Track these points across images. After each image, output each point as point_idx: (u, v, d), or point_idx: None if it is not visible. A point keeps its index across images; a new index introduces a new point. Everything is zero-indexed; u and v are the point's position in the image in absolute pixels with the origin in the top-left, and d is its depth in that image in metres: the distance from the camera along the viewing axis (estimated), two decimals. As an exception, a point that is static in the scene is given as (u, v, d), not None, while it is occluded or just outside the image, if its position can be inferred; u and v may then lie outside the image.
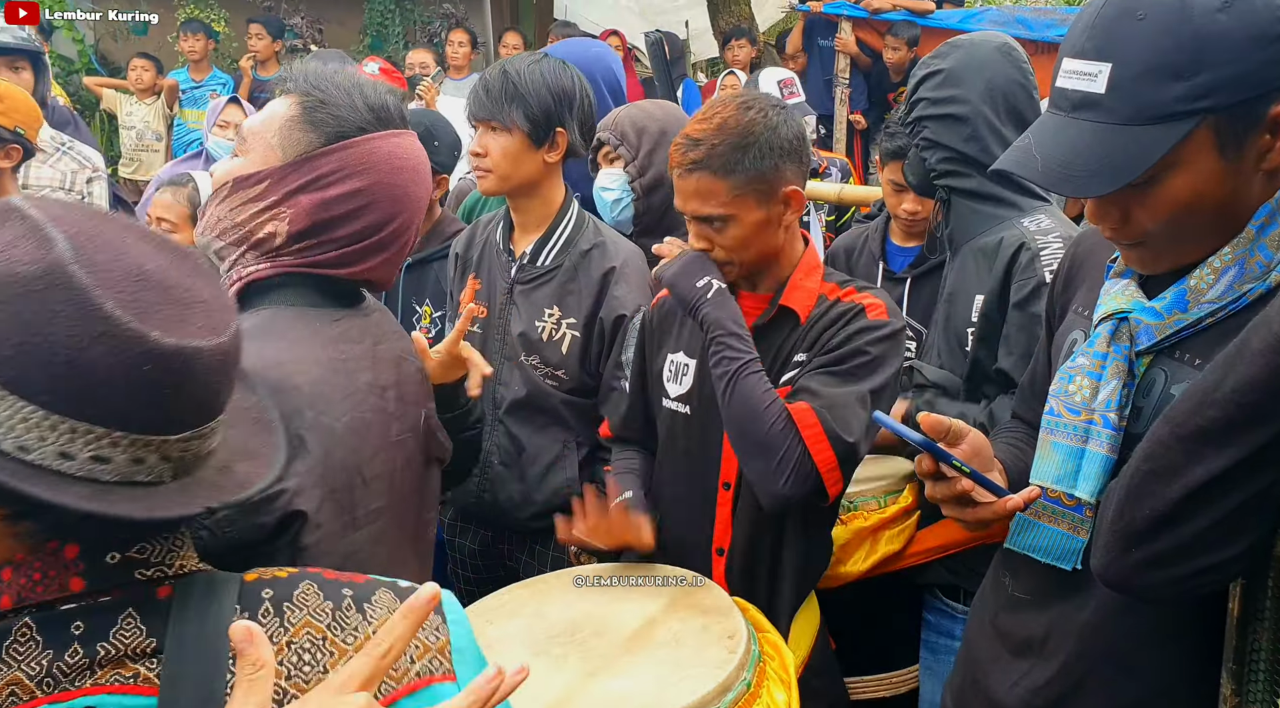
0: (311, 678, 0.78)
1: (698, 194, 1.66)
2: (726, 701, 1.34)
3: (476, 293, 2.27)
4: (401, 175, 1.32)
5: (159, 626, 0.76)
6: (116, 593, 0.77)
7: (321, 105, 1.30)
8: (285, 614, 0.80)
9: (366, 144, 1.29)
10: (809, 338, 1.71)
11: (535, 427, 2.22)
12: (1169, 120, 1.02)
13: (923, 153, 2.04)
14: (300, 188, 1.28)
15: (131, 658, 0.74)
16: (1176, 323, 1.11)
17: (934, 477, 1.23)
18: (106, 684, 0.73)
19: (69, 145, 3.42)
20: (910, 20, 5.90)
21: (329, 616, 0.81)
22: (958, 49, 2.02)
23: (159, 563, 0.80)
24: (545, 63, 2.17)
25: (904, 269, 2.67)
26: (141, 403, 0.74)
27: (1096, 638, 1.19)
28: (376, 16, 8.39)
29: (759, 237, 1.68)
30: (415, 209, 1.37)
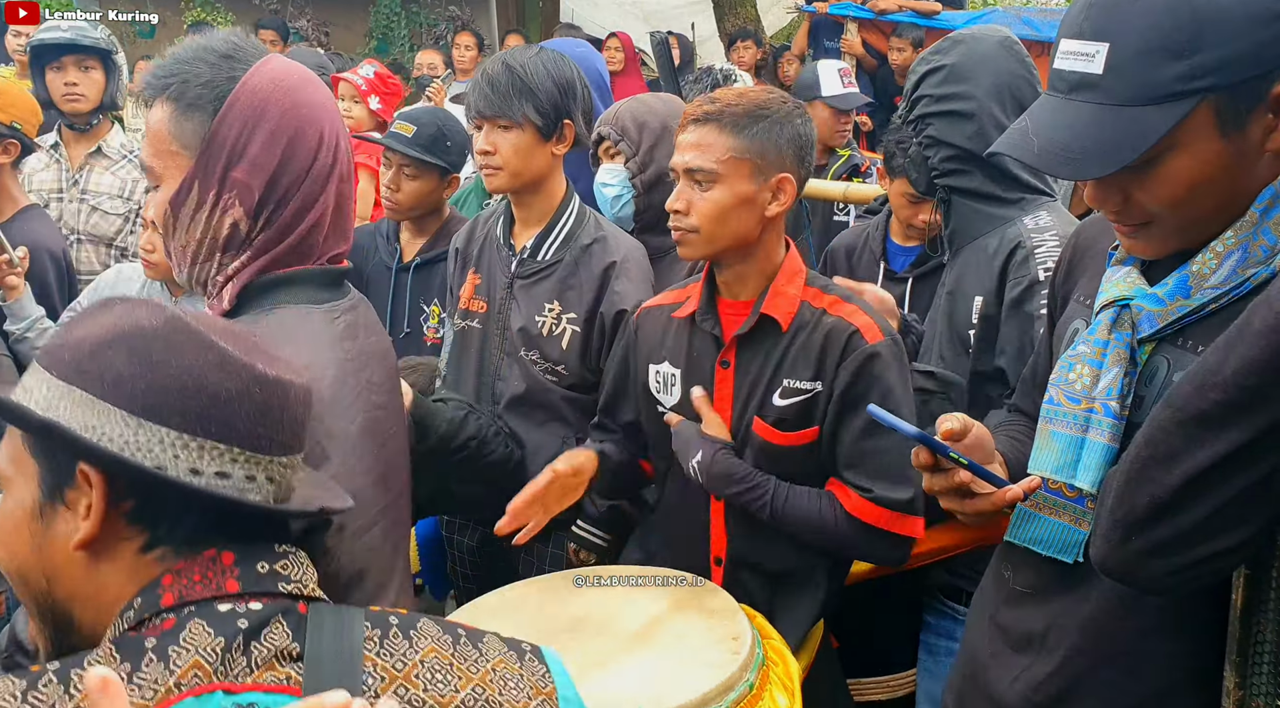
0: (446, 694, 0.85)
1: (697, 145, 1.65)
2: (729, 700, 1.33)
3: (476, 288, 2.26)
4: (295, 93, 1.25)
5: (301, 634, 0.83)
6: (266, 600, 0.85)
7: (184, 85, 1.22)
8: (412, 639, 0.88)
9: (245, 88, 1.21)
10: (794, 350, 1.68)
11: (534, 422, 2.20)
12: (1168, 100, 1.00)
13: (925, 151, 2.01)
14: (225, 167, 1.21)
15: (280, 661, 0.81)
16: (1179, 309, 1.09)
17: (931, 469, 1.21)
18: (266, 684, 0.80)
19: (136, 153, 3.38)
20: (915, 22, 5.89)
21: (451, 645, 0.89)
22: (959, 44, 1.98)
23: (298, 580, 0.89)
24: (545, 54, 2.15)
25: (905, 269, 2.65)
26: (254, 422, 0.87)
27: (1098, 632, 1.17)
28: (382, 19, 8.42)
29: (737, 212, 1.65)
30: (326, 115, 1.29)
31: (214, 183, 1.21)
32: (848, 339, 1.64)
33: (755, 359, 1.70)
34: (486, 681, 0.87)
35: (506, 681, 0.88)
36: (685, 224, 1.67)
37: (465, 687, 0.85)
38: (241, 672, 0.79)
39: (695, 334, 1.78)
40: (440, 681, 0.84)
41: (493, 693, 0.86)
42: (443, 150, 2.69)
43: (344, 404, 1.26)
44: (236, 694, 0.78)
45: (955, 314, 2.01)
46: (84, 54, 3.29)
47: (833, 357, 1.65)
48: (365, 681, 0.82)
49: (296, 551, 0.91)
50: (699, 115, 1.65)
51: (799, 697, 1.42)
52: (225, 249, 1.25)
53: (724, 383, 1.74)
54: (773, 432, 1.68)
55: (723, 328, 1.74)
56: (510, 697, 0.86)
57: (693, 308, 1.77)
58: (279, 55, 1.30)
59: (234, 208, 1.22)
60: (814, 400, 1.67)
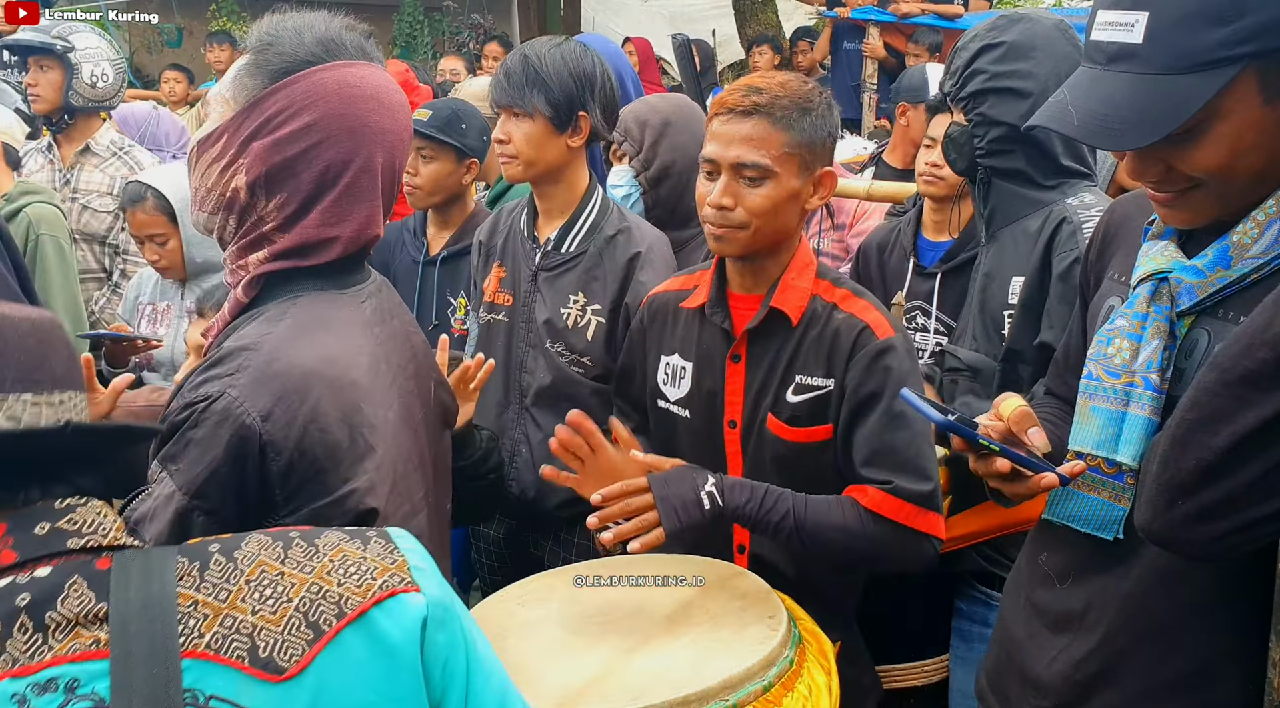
0: (279, 608, 0.78)
1: (749, 140, 1.58)
2: (771, 674, 1.32)
3: (501, 281, 2.27)
4: (355, 104, 1.22)
5: (105, 593, 0.76)
6: (55, 562, 0.76)
7: (268, 48, 1.23)
8: (237, 559, 0.80)
9: (312, 76, 1.21)
10: (806, 346, 1.66)
11: (561, 414, 2.16)
12: (1210, 68, 0.99)
13: (975, 130, 1.95)
14: (253, 134, 1.21)
15: (85, 626, 0.74)
16: (1219, 280, 1.08)
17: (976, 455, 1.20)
18: (68, 654, 0.73)
19: (127, 149, 3.42)
20: (936, 24, 5.88)
21: (281, 551, 0.82)
22: (1017, 22, 1.94)
23: (90, 533, 0.79)
24: (565, 46, 2.16)
25: (935, 264, 2.64)
26: None
27: (1138, 609, 1.15)
28: (405, 27, 8.50)
29: (785, 209, 1.62)
30: (383, 142, 1.26)
31: (236, 143, 1.22)
32: (858, 336, 1.63)
33: (767, 354, 1.68)
34: (324, 574, 0.81)
35: (348, 567, 0.82)
36: (732, 220, 1.61)
37: (299, 592, 0.79)
38: (35, 650, 0.72)
39: (705, 327, 1.76)
40: (271, 596, 0.78)
41: (330, 586, 0.80)
42: (458, 132, 2.71)
43: (381, 391, 1.26)
44: (31, 676, 0.71)
45: (989, 297, 2.00)
46: (41, 54, 3.32)
47: (843, 354, 1.63)
48: (185, 623, 0.75)
49: (88, 500, 0.81)
50: (747, 106, 1.59)
51: (835, 675, 1.40)
52: (226, 210, 1.25)
53: (735, 377, 1.72)
54: (786, 428, 1.66)
55: (733, 321, 1.72)
56: (353, 583, 0.80)
57: (702, 299, 1.75)
58: (376, 69, 1.27)
59: (241, 174, 1.22)
60: (826, 398, 1.65)
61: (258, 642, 0.76)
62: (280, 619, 0.77)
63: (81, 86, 3.36)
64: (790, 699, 1.30)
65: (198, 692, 0.73)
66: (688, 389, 1.78)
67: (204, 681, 0.73)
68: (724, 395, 1.72)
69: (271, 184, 1.22)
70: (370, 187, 1.27)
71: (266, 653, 0.75)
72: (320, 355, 1.19)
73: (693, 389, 1.77)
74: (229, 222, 1.26)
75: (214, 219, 1.27)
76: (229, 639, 0.75)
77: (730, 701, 1.27)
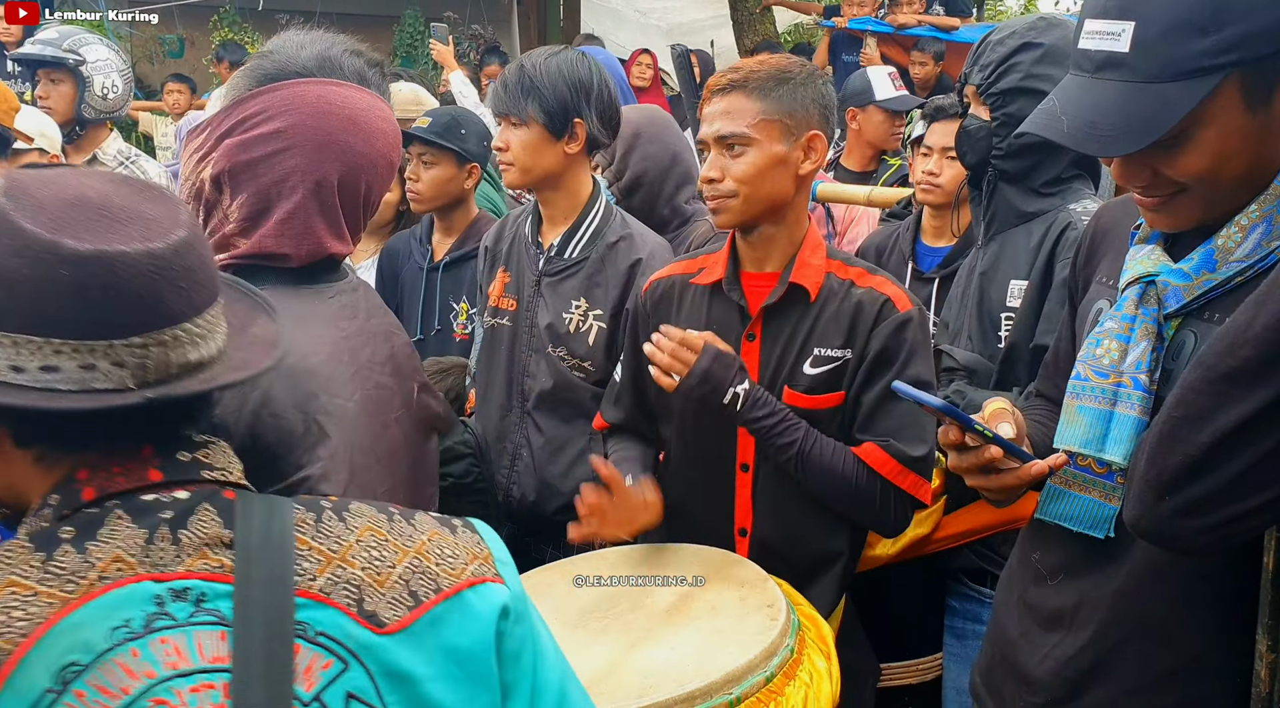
0: (383, 570, 0.84)
1: (726, 113, 1.67)
2: (773, 665, 1.34)
3: (505, 286, 2.30)
4: (328, 120, 1.25)
5: (231, 521, 0.82)
6: (191, 488, 0.83)
7: (268, 54, 1.28)
8: (346, 519, 0.87)
9: (294, 87, 1.24)
10: (824, 319, 1.71)
11: (562, 418, 2.23)
12: (1194, 76, 1.02)
13: (997, 129, 1.94)
14: (228, 131, 1.25)
15: (211, 548, 0.80)
16: (1205, 283, 1.11)
17: (958, 448, 1.23)
18: (199, 571, 0.78)
19: (132, 159, 3.46)
20: (936, 36, 5.92)
21: (386, 523, 0.88)
22: (1055, 27, 1.94)
23: (222, 468, 0.87)
24: (562, 55, 2.20)
25: (933, 269, 2.67)
26: (70, 308, 0.77)
27: (1129, 605, 1.18)
28: (406, 38, 8.55)
29: (772, 173, 1.67)
30: (350, 161, 1.27)
31: (213, 139, 1.26)
32: (880, 307, 1.70)
33: (784, 330, 1.73)
34: (423, 552, 0.87)
35: (443, 549, 0.88)
36: (721, 191, 1.69)
37: (402, 561, 0.85)
38: (171, 560, 0.78)
39: (716, 304, 1.80)
40: (377, 558, 0.84)
41: (429, 563, 0.86)
42: (457, 137, 2.76)
43: (340, 381, 1.28)
44: (167, 581, 0.77)
45: (987, 297, 2.02)
46: (52, 68, 3.36)
47: (865, 324, 1.70)
48: (300, 564, 0.81)
49: (218, 441, 0.89)
50: (723, 85, 1.68)
51: (835, 659, 1.43)
52: (194, 199, 1.28)
53: (749, 354, 1.76)
54: (803, 397, 1.72)
55: (748, 299, 1.76)
56: (448, 565, 0.87)
57: (716, 277, 1.79)
58: (366, 93, 1.30)
59: (206, 167, 1.26)
60: (843, 367, 1.71)
61: (364, 595, 0.82)
62: (384, 581, 0.83)
63: (94, 98, 3.40)
64: (792, 687, 1.33)
65: (308, 624, 0.79)
66: None
67: (314, 617, 0.79)
68: None
69: (234, 181, 1.26)
70: (329, 203, 1.29)
71: (371, 607, 0.81)
72: None
73: None
74: (199, 213, 1.30)
75: (191, 207, 1.30)
76: (339, 586, 0.81)
77: (734, 694, 1.30)
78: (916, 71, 5.76)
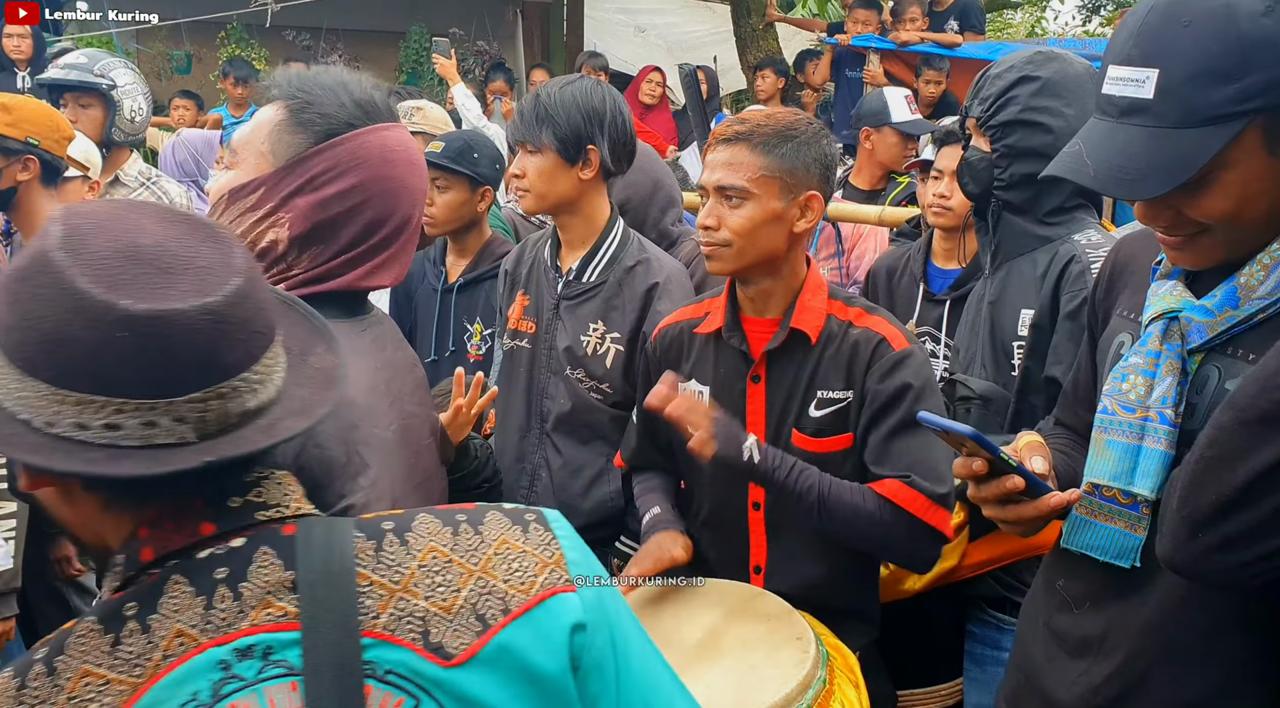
0: (448, 598, 0.82)
1: (728, 164, 1.70)
2: (809, 697, 1.36)
3: (525, 309, 2.33)
4: (395, 167, 1.30)
5: (292, 561, 0.81)
6: (247, 534, 0.83)
7: (308, 106, 1.28)
8: (409, 542, 0.85)
9: (356, 140, 1.27)
10: (825, 362, 1.73)
11: (580, 440, 2.26)
12: (1218, 122, 1.05)
13: (998, 161, 1.98)
14: (296, 191, 1.25)
15: (276, 595, 0.80)
16: (1229, 320, 1.14)
17: (979, 479, 1.25)
18: (264, 624, 0.78)
19: (153, 180, 3.48)
20: (939, 53, 5.98)
21: (450, 538, 0.86)
22: (1052, 60, 1.97)
23: (278, 504, 0.86)
24: (576, 84, 2.24)
25: (944, 291, 2.70)
26: (131, 369, 0.77)
27: (1158, 634, 1.20)
28: (412, 54, 8.59)
29: (767, 229, 1.70)
30: (414, 201, 1.34)
31: (276, 198, 1.26)
32: (875, 347, 1.72)
33: (787, 373, 1.75)
34: (489, 569, 0.84)
35: (510, 561, 0.85)
36: (716, 239, 1.72)
37: (467, 584, 0.83)
38: (234, 618, 0.78)
39: (721, 351, 1.83)
40: (441, 584, 0.82)
41: (496, 581, 0.83)
42: (470, 162, 2.79)
43: (378, 412, 1.30)
44: (231, 643, 0.77)
45: (998, 327, 2.05)
46: (82, 92, 3.39)
47: (861, 364, 1.72)
48: (363, 601, 0.80)
49: (271, 472, 0.87)
50: (729, 135, 1.71)
51: (864, 688, 1.45)
52: (260, 259, 1.27)
53: (755, 397, 1.78)
54: (811, 440, 1.74)
55: (750, 344, 1.79)
56: (516, 580, 0.84)
57: (717, 324, 1.82)
58: (403, 129, 1.34)
59: (280, 228, 1.26)
60: (847, 409, 1.73)
61: (430, 627, 0.81)
62: (450, 609, 0.82)
63: (123, 122, 3.44)
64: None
65: (377, 664, 0.79)
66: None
67: (382, 656, 0.79)
68: (745, 416, 1.79)
69: (312, 240, 1.28)
70: (396, 240, 1.34)
71: (437, 639, 0.81)
72: None
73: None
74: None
75: None
76: (403, 621, 0.81)
77: (774, 728, 1.31)
78: (929, 89, 5.79)
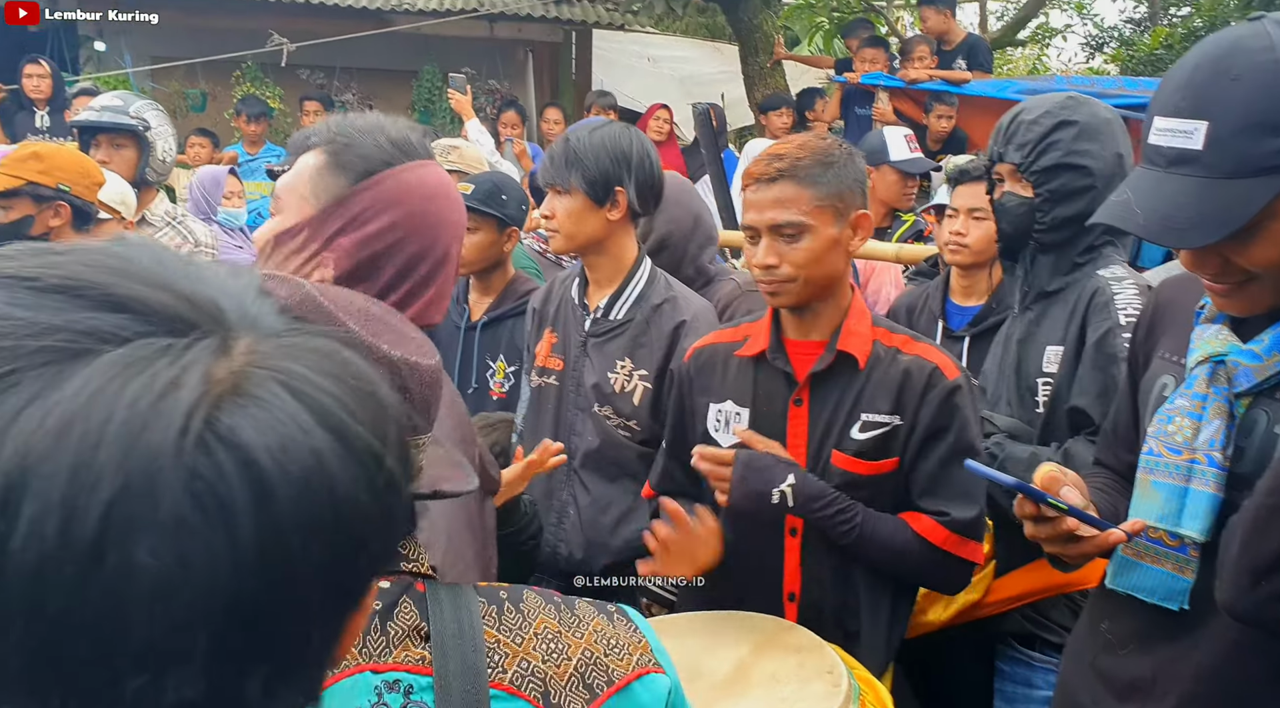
0: (561, 663, 0.86)
1: (779, 202, 1.71)
2: None
3: (553, 346, 2.35)
4: (434, 202, 1.33)
5: (425, 613, 0.85)
6: (392, 579, 0.87)
7: (346, 148, 1.31)
8: (524, 611, 0.90)
9: (394, 177, 1.30)
10: (871, 385, 1.75)
11: (608, 477, 2.27)
12: (1266, 173, 1.07)
13: (1041, 205, 1.99)
14: (339, 231, 1.28)
15: (413, 640, 0.83)
16: (1276, 364, 1.15)
17: (1035, 519, 1.26)
18: (405, 664, 0.82)
19: (180, 220, 3.52)
20: (948, 90, 6.04)
21: (555, 613, 0.91)
22: (1084, 105, 2.00)
23: (414, 560, 0.91)
24: (605, 129, 2.29)
25: (963, 328, 2.72)
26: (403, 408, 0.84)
27: (1213, 680, 1.20)
28: (424, 93, 8.69)
29: (828, 255, 1.73)
30: (453, 235, 1.37)
31: (320, 238, 1.28)
32: (929, 375, 1.74)
33: (831, 395, 1.77)
34: (592, 643, 0.89)
35: (607, 640, 0.90)
36: (779, 275, 1.73)
37: (575, 654, 0.87)
38: (382, 651, 0.82)
39: (762, 373, 1.84)
40: (554, 650, 0.86)
41: (599, 654, 0.88)
42: (499, 203, 2.83)
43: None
44: (383, 673, 0.81)
45: (1024, 364, 2.06)
46: (116, 133, 3.42)
47: (914, 392, 1.73)
48: (490, 656, 0.84)
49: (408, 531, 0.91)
50: (772, 173, 1.72)
51: None
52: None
53: (798, 420, 1.79)
54: (853, 461, 1.75)
55: (794, 367, 1.80)
56: (615, 656, 0.89)
57: (760, 347, 1.83)
58: (438, 166, 1.37)
59: (325, 267, 1.28)
60: (893, 433, 1.74)
61: (549, 688, 0.84)
62: (563, 674, 0.86)
63: (155, 163, 3.48)
64: (860, 751, 1.34)
65: None
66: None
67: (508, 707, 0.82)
68: (786, 438, 1.80)
69: (356, 278, 1.29)
70: (439, 274, 1.36)
71: (556, 700, 0.84)
72: None
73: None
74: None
75: None
76: (526, 679, 0.84)
77: (808, 763, 1.31)
78: (941, 124, 5.84)
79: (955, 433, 1.72)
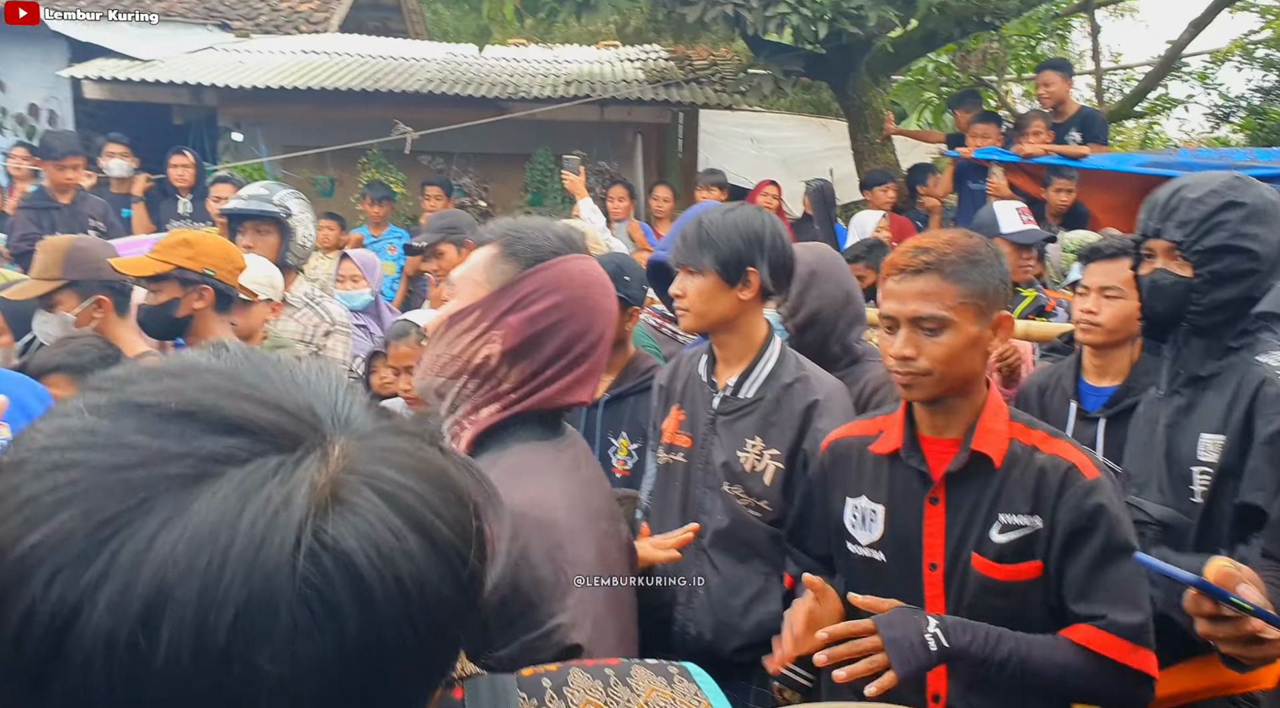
0: None
1: (923, 295, 1.70)
2: None
3: (680, 423, 2.36)
4: (592, 290, 1.45)
5: None
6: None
7: (518, 240, 1.45)
8: (567, 697, 0.87)
9: (560, 265, 1.43)
10: (1009, 486, 1.70)
11: (738, 558, 2.25)
12: None
13: (1200, 286, 1.94)
14: (508, 310, 1.40)
15: None
16: None
17: (1212, 618, 1.20)
18: None
19: (317, 301, 3.69)
20: (1066, 164, 5.93)
21: (603, 692, 0.88)
22: (1250, 187, 1.95)
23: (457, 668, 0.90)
24: (738, 211, 2.33)
25: (1098, 409, 2.63)
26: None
27: None
28: (537, 175, 8.98)
29: (968, 353, 1.71)
30: (607, 321, 1.47)
31: (491, 317, 1.41)
32: (1065, 474, 1.67)
33: (968, 496, 1.72)
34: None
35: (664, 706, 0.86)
36: (915, 368, 1.71)
37: None
38: None
39: (896, 470, 1.81)
40: None
41: None
42: (622, 284, 2.88)
43: (579, 530, 1.34)
44: None
45: (1176, 451, 1.98)
46: (261, 220, 3.64)
47: (1050, 492, 1.67)
48: None
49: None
50: (918, 265, 1.72)
51: None
52: (471, 375, 1.42)
53: (934, 519, 1.75)
54: (994, 566, 1.69)
55: (929, 465, 1.76)
56: None
57: (895, 444, 1.80)
58: (593, 259, 1.51)
59: (494, 343, 1.40)
60: (1034, 536, 1.67)
61: None
62: None
63: (296, 247, 3.68)
64: None
65: None
66: (881, 532, 1.82)
67: None
68: (923, 538, 1.76)
69: (520, 354, 1.41)
70: (593, 354, 1.45)
71: None
72: (527, 498, 1.29)
73: (887, 532, 1.80)
74: (468, 384, 1.42)
75: (450, 383, 1.44)
76: None
77: None
78: (1061, 198, 5.71)
79: (1104, 533, 1.64)
